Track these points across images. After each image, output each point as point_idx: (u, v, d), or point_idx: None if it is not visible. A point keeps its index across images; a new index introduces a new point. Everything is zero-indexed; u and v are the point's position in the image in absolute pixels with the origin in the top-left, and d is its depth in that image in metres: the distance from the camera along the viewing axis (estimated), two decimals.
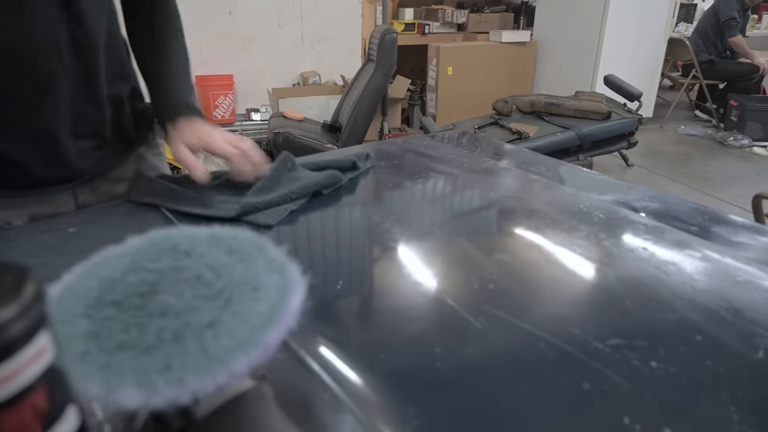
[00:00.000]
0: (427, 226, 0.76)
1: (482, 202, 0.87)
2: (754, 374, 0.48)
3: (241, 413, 0.34)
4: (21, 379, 0.23)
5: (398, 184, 0.93)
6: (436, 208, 0.84)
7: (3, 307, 0.22)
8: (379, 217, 0.80)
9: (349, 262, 0.68)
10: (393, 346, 0.51)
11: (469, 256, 0.69)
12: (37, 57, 0.67)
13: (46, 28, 0.66)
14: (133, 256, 0.38)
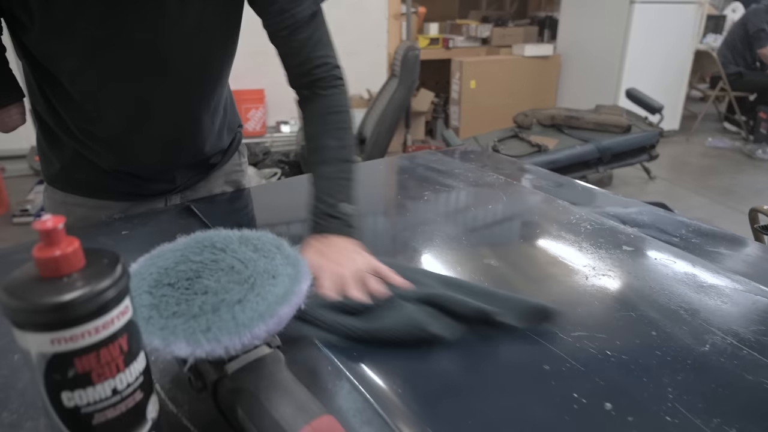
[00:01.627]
0: (433, 233, 0.86)
1: (480, 213, 0.97)
2: (697, 363, 0.56)
3: (260, 371, 0.45)
4: (113, 327, 0.34)
5: (406, 196, 1.03)
6: (440, 218, 0.94)
7: (102, 280, 0.34)
8: (387, 224, 0.90)
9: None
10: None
11: (460, 259, 0.79)
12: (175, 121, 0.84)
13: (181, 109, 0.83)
14: (182, 251, 0.49)
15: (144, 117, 0.81)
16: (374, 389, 0.52)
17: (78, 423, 0.35)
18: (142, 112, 0.80)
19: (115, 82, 0.75)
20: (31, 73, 0.78)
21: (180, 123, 0.86)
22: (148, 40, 0.72)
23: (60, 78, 0.74)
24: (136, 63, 0.74)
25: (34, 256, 0.33)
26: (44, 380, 0.34)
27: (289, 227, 0.94)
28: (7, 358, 0.57)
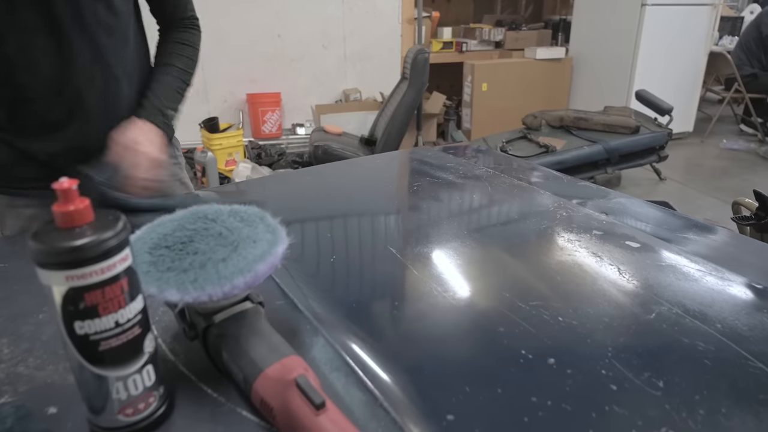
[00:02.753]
0: (423, 218, 0.93)
1: (464, 202, 1.03)
2: (640, 329, 0.62)
3: (242, 320, 0.53)
4: (115, 270, 0.42)
5: (392, 192, 1.10)
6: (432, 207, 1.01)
7: (106, 231, 0.42)
8: (381, 208, 0.98)
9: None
10: (353, 292, 0.68)
11: (445, 238, 0.86)
12: (81, 89, 0.90)
13: (84, 69, 0.90)
14: (179, 221, 0.57)
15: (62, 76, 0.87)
16: (344, 345, 0.59)
17: (87, 349, 0.43)
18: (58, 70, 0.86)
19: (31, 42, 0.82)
20: None
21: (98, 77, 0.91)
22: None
23: None
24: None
25: (53, 210, 0.41)
26: (61, 311, 0.42)
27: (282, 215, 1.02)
28: (33, 316, 0.66)
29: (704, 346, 0.59)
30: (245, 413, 0.50)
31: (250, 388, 0.48)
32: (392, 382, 0.53)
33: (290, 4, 4.01)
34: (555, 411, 0.50)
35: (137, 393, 0.46)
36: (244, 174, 3.23)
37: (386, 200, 1.08)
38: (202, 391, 0.53)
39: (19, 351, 0.60)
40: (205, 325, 0.53)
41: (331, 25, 4.18)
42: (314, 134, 3.32)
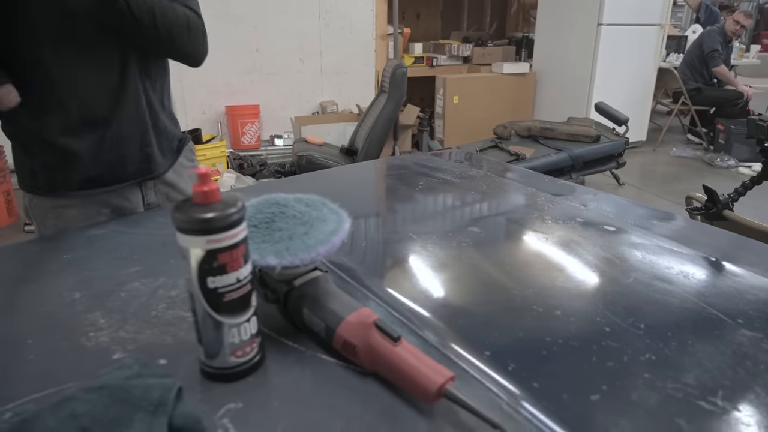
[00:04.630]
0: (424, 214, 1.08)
1: (463, 197, 1.19)
2: (622, 289, 0.78)
3: (317, 284, 0.65)
4: (239, 237, 0.55)
5: (403, 189, 1.25)
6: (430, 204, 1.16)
7: (232, 207, 0.54)
8: (388, 207, 1.12)
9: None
10: (395, 271, 0.82)
11: (450, 228, 1.00)
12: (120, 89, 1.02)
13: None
14: (256, 207, 0.70)
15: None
16: (391, 304, 0.73)
17: (215, 299, 0.55)
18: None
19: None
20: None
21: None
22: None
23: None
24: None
25: (193, 189, 0.54)
26: (197, 269, 0.54)
27: None
28: (115, 294, 0.76)
29: (672, 299, 0.76)
30: (325, 356, 0.62)
31: (333, 333, 0.61)
32: (437, 331, 0.67)
33: (268, 20, 4.13)
34: (565, 346, 0.64)
35: (246, 338, 0.58)
36: (228, 184, 3.31)
37: (398, 197, 1.22)
38: (283, 343, 0.65)
39: (114, 320, 0.71)
40: (287, 288, 0.65)
41: (307, 39, 4.32)
42: (297, 145, 3.44)
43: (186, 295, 0.75)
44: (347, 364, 0.60)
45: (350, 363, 0.60)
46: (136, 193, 1.12)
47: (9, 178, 3.07)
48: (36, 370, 0.61)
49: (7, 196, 3.03)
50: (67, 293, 0.77)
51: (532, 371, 0.59)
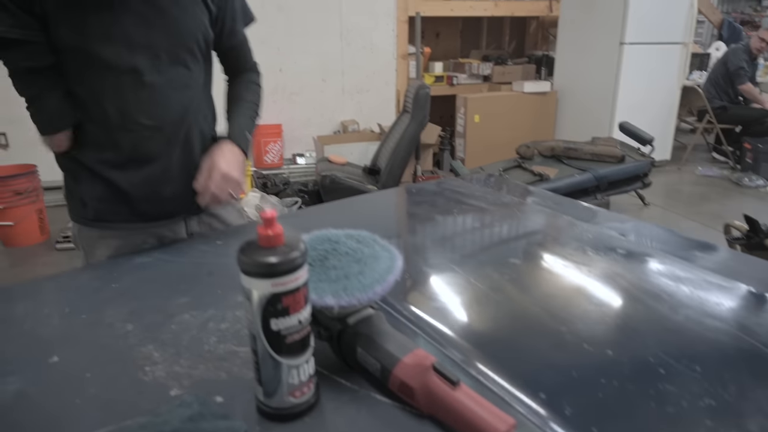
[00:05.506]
0: (458, 240, 1.08)
1: (500, 226, 1.19)
2: (673, 326, 0.77)
3: (371, 322, 0.66)
4: (302, 280, 0.55)
5: (438, 217, 1.25)
6: (465, 232, 1.16)
7: (296, 250, 0.55)
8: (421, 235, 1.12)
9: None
10: (441, 306, 0.82)
11: (489, 258, 1.00)
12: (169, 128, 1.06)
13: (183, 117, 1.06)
14: (308, 243, 0.71)
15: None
16: (442, 343, 0.73)
17: (277, 341, 0.56)
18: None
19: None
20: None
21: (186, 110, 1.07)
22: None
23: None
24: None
25: (258, 232, 0.55)
26: (261, 312, 0.55)
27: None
28: (166, 326, 0.78)
29: (725, 338, 0.74)
30: (380, 397, 0.62)
31: (389, 374, 0.61)
32: (489, 371, 0.66)
33: (291, 41, 4.21)
34: (621, 389, 0.64)
35: (304, 379, 0.59)
36: (253, 203, 3.35)
37: (434, 226, 1.22)
38: (336, 382, 0.66)
39: (168, 354, 0.72)
40: (341, 327, 0.66)
41: (329, 59, 4.38)
42: (320, 164, 3.47)
43: (236, 328, 0.77)
44: (403, 405, 0.61)
45: (406, 405, 0.60)
46: (181, 225, 1.14)
47: (42, 196, 3.15)
48: (98, 405, 0.63)
49: (40, 214, 3.11)
50: (119, 324, 0.79)
51: (590, 417, 0.59)
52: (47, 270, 2.79)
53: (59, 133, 0.99)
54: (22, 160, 3.15)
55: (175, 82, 1.03)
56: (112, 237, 1.09)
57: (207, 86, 1.14)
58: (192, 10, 1.02)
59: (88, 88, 0.97)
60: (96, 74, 0.96)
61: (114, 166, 1.04)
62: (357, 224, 1.14)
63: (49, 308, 0.87)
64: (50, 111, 0.97)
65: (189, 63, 1.05)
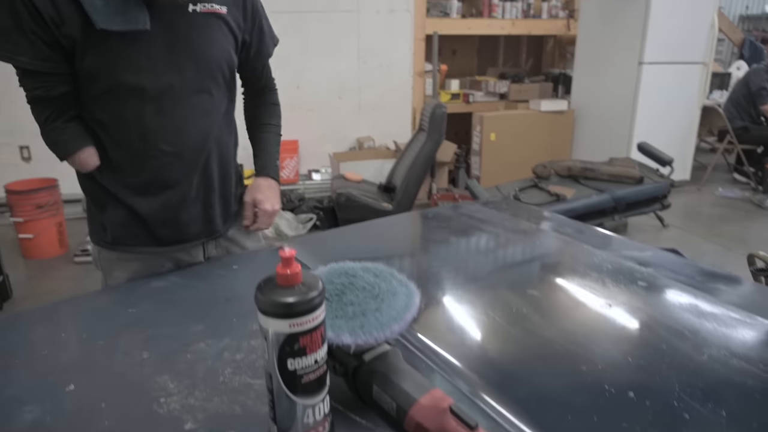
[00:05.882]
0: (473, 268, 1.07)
1: (518, 255, 1.17)
2: (697, 368, 0.75)
3: (387, 359, 0.65)
4: (320, 319, 0.55)
5: (456, 246, 1.24)
6: (482, 258, 1.14)
7: (314, 289, 0.55)
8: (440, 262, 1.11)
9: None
10: (459, 340, 0.81)
11: (506, 289, 0.99)
12: (189, 155, 1.07)
13: (204, 144, 1.08)
14: (326, 276, 0.71)
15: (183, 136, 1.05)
16: (459, 380, 0.71)
17: (293, 381, 0.55)
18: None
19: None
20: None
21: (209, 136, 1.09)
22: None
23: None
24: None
25: (277, 271, 0.55)
26: (278, 351, 0.54)
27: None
28: (181, 355, 0.78)
29: (753, 382, 0.72)
30: None
31: (405, 415, 0.60)
32: (507, 413, 0.65)
33: (309, 60, 4.26)
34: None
35: (319, 418, 0.58)
36: None
37: (452, 255, 1.21)
38: (351, 419, 0.65)
39: (183, 385, 0.72)
40: (356, 363, 0.65)
41: (346, 77, 4.42)
42: (335, 181, 3.48)
43: (251, 359, 0.76)
44: None
45: None
46: (198, 249, 1.15)
47: (62, 210, 3.21)
48: None
49: (59, 228, 3.16)
50: (135, 352, 0.79)
51: None
52: (65, 283, 2.83)
53: (81, 154, 1.00)
54: (44, 174, 3.22)
55: (198, 109, 1.05)
56: (131, 260, 1.10)
57: (229, 112, 1.15)
58: (217, 39, 1.04)
59: (112, 115, 0.99)
60: (120, 101, 0.98)
61: (134, 191, 1.05)
62: (373, 250, 1.14)
63: (67, 333, 0.87)
64: (59, 135, 0.99)
65: (212, 90, 1.06)
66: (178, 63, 0.99)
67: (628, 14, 4.11)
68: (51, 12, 0.88)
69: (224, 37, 1.05)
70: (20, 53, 0.90)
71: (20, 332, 0.88)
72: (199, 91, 1.04)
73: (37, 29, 0.88)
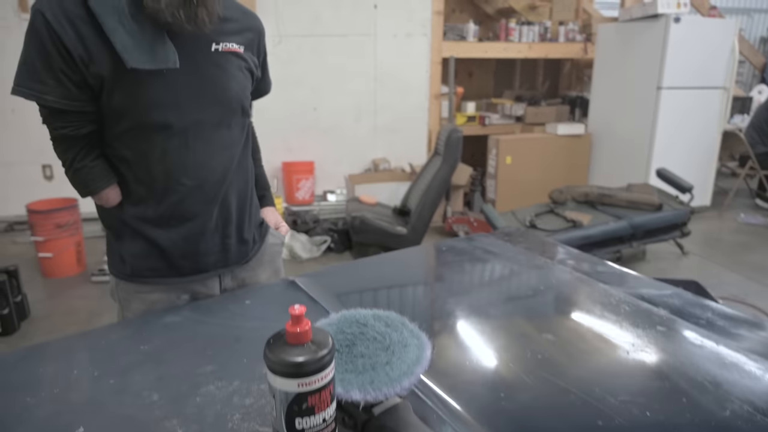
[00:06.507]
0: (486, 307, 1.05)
1: (533, 294, 1.15)
2: (719, 426, 0.72)
3: (397, 413, 0.64)
4: (329, 378, 0.54)
5: (469, 282, 1.23)
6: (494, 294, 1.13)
7: (324, 348, 0.54)
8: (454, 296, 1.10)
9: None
10: (471, 388, 0.79)
11: (522, 332, 0.97)
12: (209, 187, 1.08)
13: (224, 176, 1.09)
14: (337, 325, 0.70)
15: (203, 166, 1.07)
16: (467, 426, 0.70)
17: None
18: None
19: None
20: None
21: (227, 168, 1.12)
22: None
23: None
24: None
25: (286, 329, 0.54)
26: (285, 410, 0.54)
27: (380, 296, 1.14)
28: (191, 398, 0.77)
29: None
30: None
31: None
32: None
33: (326, 82, 4.31)
34: None
35: None
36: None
37: (465, 293, 1.19)
38: None
39: (191, 431, 0.71)
40: (366, 417, 0.64)
41: (363, 99, 4.46)
42: (350, 204, 3.49)
43: (260, 404, 0.76)
44: None
45: None
46: (215, 280, 1.16)
47: (81, 229, 3.26)
48: None
49: (78, 247, 3.21)
50: (145, 393, 0.79)
51: None
52: (82, 303, 2.86)
53: (106, 191, 1.02)
54: (65, 192, 3.28)
55: (219, 143, 1.06)
56: (149, 292, 1.11)
57: (246, 145, 1.16)
58: (236, 75, 1.06)
59: (137, 151, 1.01)
60: (145, 137, 1.00)
61: (154, 224, 1.06)
62: (386, 285, 1.13)
63: (79, 370, 0.87)
64: (87, 175, 1.01)
65: (232, 124, 1.09)
66: (201, 99, 1.02)
67: (647, 39, 4.09)
68: (81, 51, 0.90)
69: (242, 74, 1.08)
70: (48, 93, 0.92)
71: (34, 367, 0.88)
72: (220, 125, 1.06)
73: (66, 69, 0.91)
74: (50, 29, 0.88)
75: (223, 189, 1.10)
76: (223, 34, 1.03)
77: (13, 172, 4.04)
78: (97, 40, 0.90)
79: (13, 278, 2.61)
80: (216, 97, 1.03)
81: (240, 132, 1.12)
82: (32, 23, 0.90)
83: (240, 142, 1.13)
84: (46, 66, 0.90)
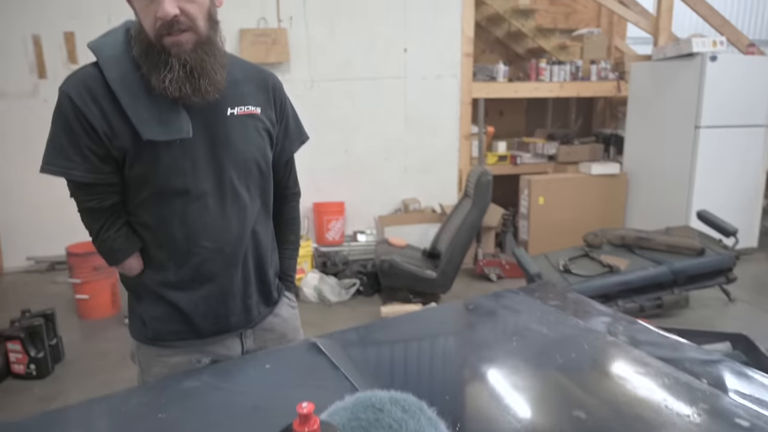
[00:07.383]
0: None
1: (563, 363, 1.09)
2: None
3: None
4: None
5: (488, 347, 1.18)
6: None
7: None
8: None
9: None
10: None
11: (549, 408, 0.91)
12: (229, 249, 1.09)
13: (243, 237, 1.10)
14: (351, 409, 0.67)
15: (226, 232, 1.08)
16: None
17: None
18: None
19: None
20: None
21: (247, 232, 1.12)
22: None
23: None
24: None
25: (294, 429, 0.52)
26: None
27: (398, 362, 1.10)
28: None
29: None
30: None
31: None
32: None
33: (357, 124, 4.39)
34: None
35: None
36: (311, 284, 3.38)
37: (487, 358, 1.14)
38: None
39: None
40: None
41: (393, 140, 4.51)
42: (379, 247, 3.48)
43: None
44: None
45: None
46: (237, 341, 1.15)
47: (116, 271, 3.34)
48: None
49: (113, 289, 3.29)
50: None
51: None
52: (114, 345, 2.91)
53: (130, 260, 1.05)
54: None
55: (237, 204, 1.08)
56: (170, 355, 1.11)
57: (265, 204, 1.17)
58: (253, 137, 1.08)
59: (158, 216, 1.03)
60: (165, 203, 1.02)
61: (175, 288, 1.07)
62: (408, 348, 1.09)
63: None
64: (112, 245, 1.03)
65: (250, 185, 1.10)
66: (219, 163, 1.04)
67: (682, 77, 4.01)
68: (104, 127, 0.94)
69: (259, 135, 1.10)
70: (75, 168, 0.96)
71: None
72: (238, 187, 1.07)
73: (91, 144, 0.94)
74: (76, 109, 0.93)
75: (243, 249, 1.11)
76: (239, 98, 1.06)
77: (60, 214, 4.21)
78: (118, 116, 0.94)
79: (50, 322, 2.68)
80: (232, 161, 1.05)
81: (258, 193, 1.13)
82: (59, 105, 0.95)
83: (257, 203, 1.14)
84: (72, 143, 0.94)
